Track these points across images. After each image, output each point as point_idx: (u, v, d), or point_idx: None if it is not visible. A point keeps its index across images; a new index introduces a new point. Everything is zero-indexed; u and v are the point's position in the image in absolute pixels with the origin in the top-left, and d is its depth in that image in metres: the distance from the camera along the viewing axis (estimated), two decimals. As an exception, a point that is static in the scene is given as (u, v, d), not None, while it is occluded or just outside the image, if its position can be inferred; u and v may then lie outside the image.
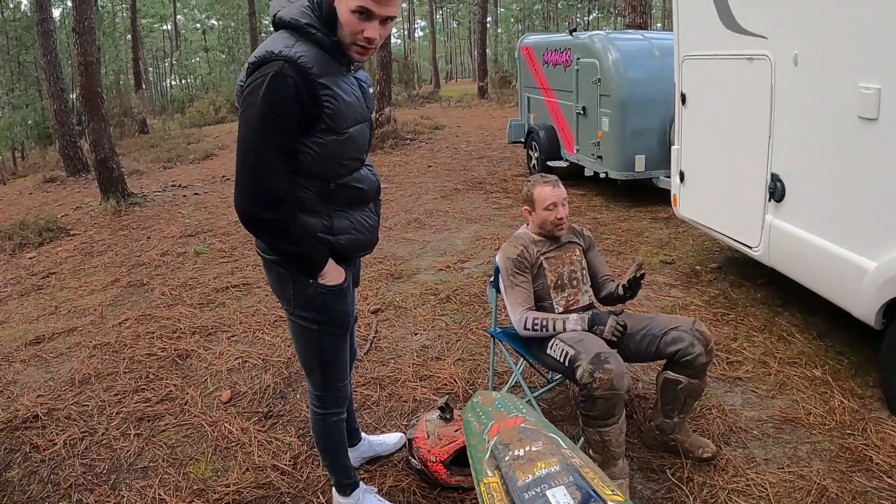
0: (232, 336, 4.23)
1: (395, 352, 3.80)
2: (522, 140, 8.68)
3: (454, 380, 3.40)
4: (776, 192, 3.43)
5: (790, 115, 3.34)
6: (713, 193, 4.13)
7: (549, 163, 7.58)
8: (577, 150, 7.08)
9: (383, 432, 3.04)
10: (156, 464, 2.95)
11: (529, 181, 2.81)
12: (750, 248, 3.74)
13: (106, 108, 8.60)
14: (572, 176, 7.31)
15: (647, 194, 6.54)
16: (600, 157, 6.50)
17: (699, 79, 4.21)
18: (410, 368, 3.57)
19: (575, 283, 2.75)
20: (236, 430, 3.16)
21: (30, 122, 18.92)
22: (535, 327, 2.58)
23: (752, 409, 2.99)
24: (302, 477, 2.77)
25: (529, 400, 2.84)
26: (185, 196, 8.61)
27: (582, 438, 2.42)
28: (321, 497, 2.63)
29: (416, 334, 4.03)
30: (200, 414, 3.35)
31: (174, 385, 3.67)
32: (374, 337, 4.01)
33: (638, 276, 2.66)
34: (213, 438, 3.13)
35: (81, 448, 3.08)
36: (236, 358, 3.93)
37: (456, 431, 2.57)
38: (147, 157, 13.21)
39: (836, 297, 3.15)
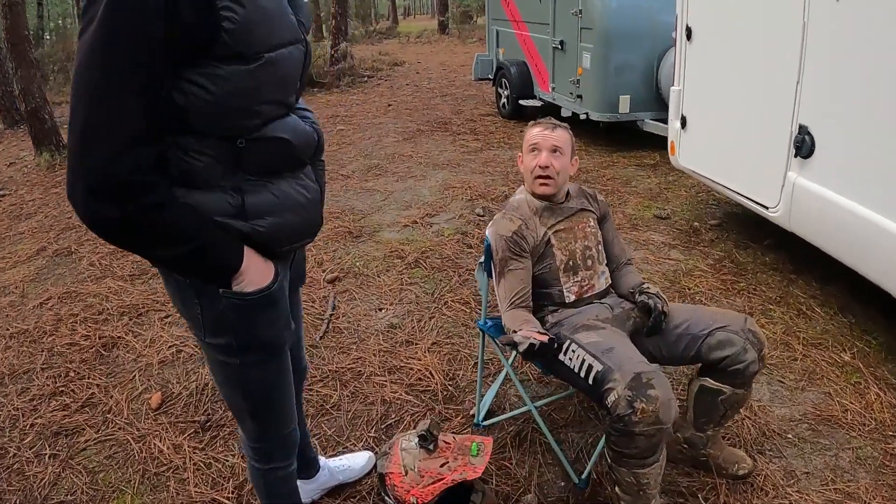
0: (166, 316, 3.57)
1: (358, 334, 3.20)
2: (490, 77, 7.91)
3: (430, 373, 2.82)
4: (803, 146, 2.86)
5: (826, 56, 2.73)
6: (722, 143, 3.54)
7: (521, 101, 6.88)
8: (553, 89, 6.37)
9: (345, 449, 2.47)
10: (74, 497, 2.35)
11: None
12: (766, 208, 3.19)
13: (39, 54, 7.52)
14: (547, 116, 6.66)
15: (632, 138, 5.90)
16: (580, 97, 5.81)
17: (710, 10, 3.55)
18: (377, 358, 2.98)
19: (590, 262, 2.15)
20: (167, 447, 2.55)
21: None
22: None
23: (784, 406, 2.51)
24: (247, 515, 2.20)
25: (529, 409, 2.30)
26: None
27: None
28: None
29: (381, 310, 3.43)
30: (126, 425, 2.72)
31: (97, 385, 3.02)
32: (331, 315, 3.39)
33: (655, 322, 2.06)
34: (140, 459, 2.52)
35: (-20, 478, 2.45)
36: (170, 346, 3.29)
37: (442, 466, 1.98)
38: None
39: (872, 272, 2.63)
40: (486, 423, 2.48)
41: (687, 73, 3.77)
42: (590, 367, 1.83)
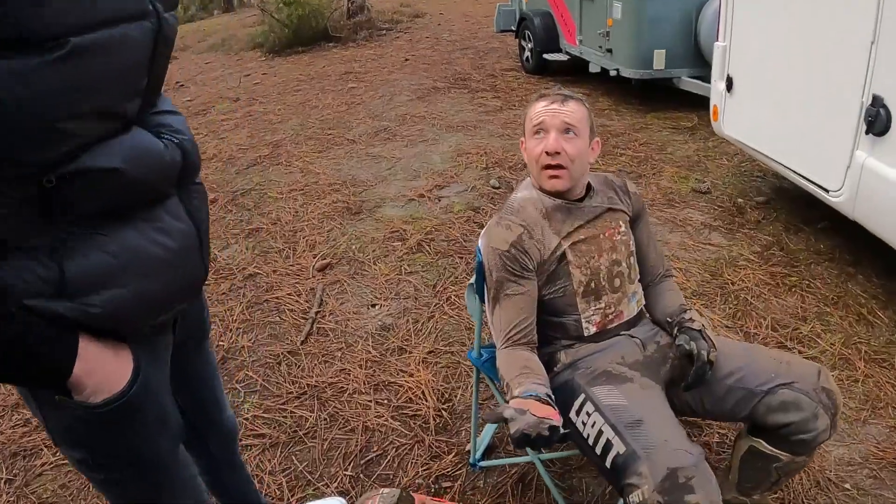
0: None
1: (345, 337, 2.82)
2: (513, 29, 7.24)
3: (422, 394, 2.43)
4: (877, 121, 2.31)
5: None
6: (775, 111, 2.98)
7: (545, 55, 6.25)
8: (581, 42, 5.73)
9: (315, 491, 2.10)
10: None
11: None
12: (826, 191, 2.67)
13: None
14: (575, 71, 6.04)
15: (667, 98, 5.27)
16: (609, 51, 5.18)
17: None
18: (363, 370, 2.59)
19: (619, 282, 1.64)
20: None
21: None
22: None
23: (842, 444, 2.06)
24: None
25: (532, 460, 1.89)
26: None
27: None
28: None
29: (374, 305, 3.03)
30: None
31: None
32: (316, 313, 3.00)
33: (697, 377, 1.55)
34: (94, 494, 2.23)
35: None
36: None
37: None
38: None
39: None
40: (483, 463, 2.08)
41: (735, 26, 3.18)
42: (608, 445, 1.39)
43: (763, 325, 2.56)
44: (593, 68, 5.45)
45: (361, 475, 2.15)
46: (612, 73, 5.14)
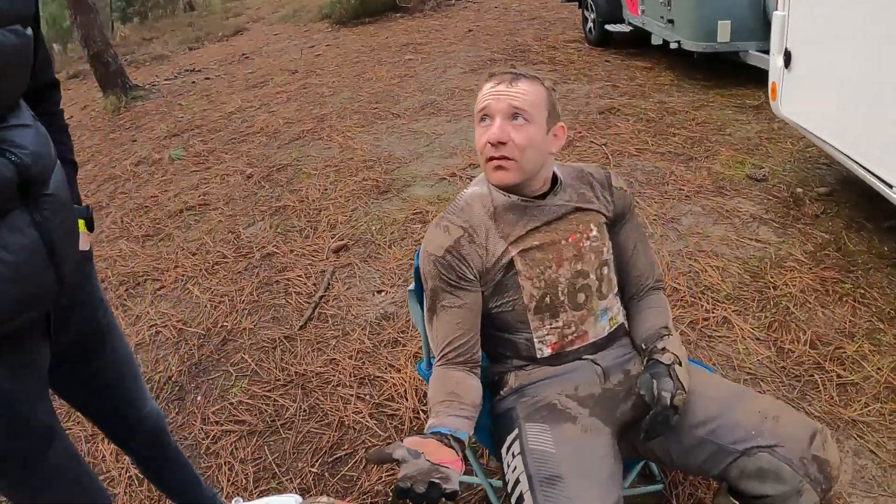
0: (160, 288, 3.26)
1: (343, 325, 2.69)
2: None
3: (404, 393, 2.26)
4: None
5: None
6: (838, 92, 2.57)
7: (607, 26, 5.81)
8: (643, 12, 5.27)
9: (279, 485, 2.01)
10: None
11: None
12: (890, 187, 2.27)
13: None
14: (637, 43, 5.60)
15: (733, 73, 4.75)
16: (671, 22, 4.70)
17: None
18: (352, 361, 2.46)
19: (584, 297, 1.38)
20: (110, 453, 2.22)
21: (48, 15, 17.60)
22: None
23: (868, 495, 1.73)
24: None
25: (482, 484, 1.68)
26: (193, 83, 7.42)
27: None
28: None
29: (379, 292, 2.88)
30: (83, 420, 2.44)
31: None
32: (321, 297, 2.88)
33: (661, 417, 1.25)
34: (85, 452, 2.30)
35: None
36: (151, 325, 2.99)
37: None
38: (178, 38, 11.94)
39: None
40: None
41: (795, -9, 2.77)
42: (520, 499, 1.19)
43: (801, 341, 2.22)
44: (655, 40, 4.99)
45: (326, 473, 2.05)
46: (673, 45, 4.69)
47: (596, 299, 1.40)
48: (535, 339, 1.39)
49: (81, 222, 1.31)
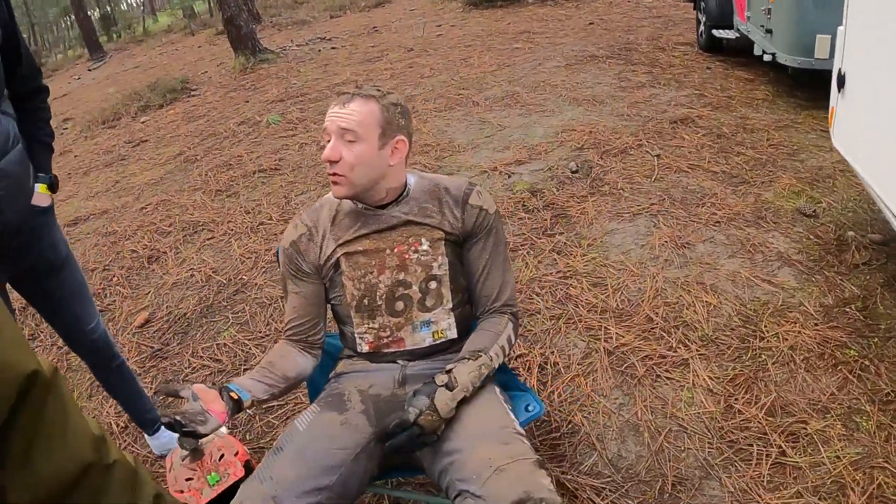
0: (210, 238, 3.58)
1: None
2: None
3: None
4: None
5: None
6: (887, 125, 2.16)
7: (714, 31, 5.26)
8: (748, 19, 4.70)
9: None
10: None
11: None
12: None
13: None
14: (744, 52, 5.03)
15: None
16: (769, 32, 4.15)
17: None
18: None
19: (402, 306, 1.45)
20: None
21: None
22: None
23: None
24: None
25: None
26: (319, 51, 7.73)
27: None
28: None
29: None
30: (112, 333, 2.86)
31: (119, 295, 3.21)
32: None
33: (399, 430, 1.29)
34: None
35: None
36: (189, 269, 3.30)
37: (187, 480, 1.76)
38: (324, 4, 12.44)
39: None
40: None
41: (852, 3, 2.34)
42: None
43: (759, 404, 1.93)
44: (756, 50, 4.43)
45: (256, 416, 2.24)
46: (767, 57, 4.13)
47: (417, 310, 1.45)
48: (356, 335, 1.49)
49: (43, 186, 1.67)
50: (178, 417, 1.20)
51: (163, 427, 2.15)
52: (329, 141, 1.38)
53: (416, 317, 1.45)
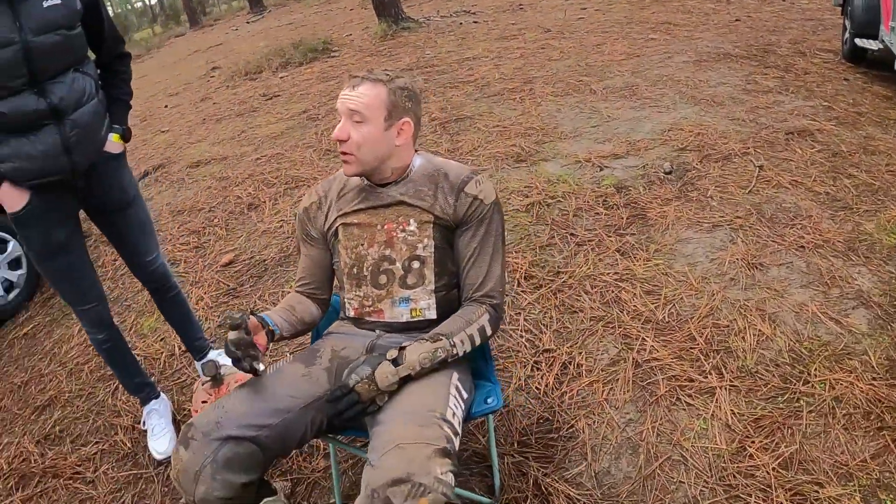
0: (303, 194, 3.68)
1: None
2: (840, 4, 5.36)
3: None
4: None
5: None
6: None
7: (857, 40, 4.52)
8: (893, 29, 3.98)
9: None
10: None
11: None
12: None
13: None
14: (889, 65, 4.31)
15: None
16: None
17: None
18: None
19: (385, 279, 1.50)
20: (200, 296, 2.81)
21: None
22: None
23: None
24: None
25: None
26: (460, 24, 7.64)
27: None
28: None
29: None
30: (195, 271, 3.13)
31: (215, 234, 3.48)
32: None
33: (338, 392, 1.37)
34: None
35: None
36: (279, 220, 3.49)
37: (203, 403, 1.95)
38: None
39: None
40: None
41: None
42: None
43: (776, 453, 1.71)
44: (899, 64, 3.76)
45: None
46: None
47: (398, 286, 1.49)
48: (346, 300, 1.57)
49: (116, 136, 1.92)
50: (235, 349, 1.33)
51: (211, 352, 2.32)
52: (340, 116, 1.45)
53: (397, 292, 1.49)
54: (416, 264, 1.47)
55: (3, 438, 2.49)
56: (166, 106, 7.07)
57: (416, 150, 1.57)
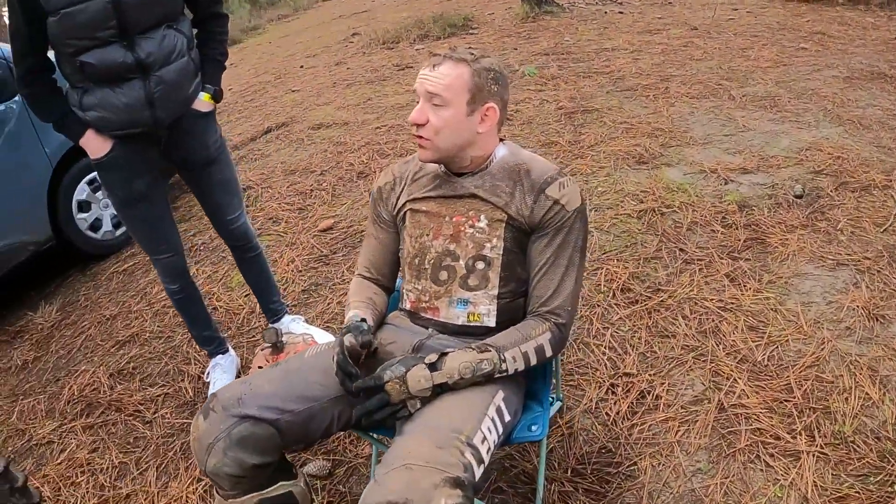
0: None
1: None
2: None
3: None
4: None
5: None
6: None
7: None
8: None
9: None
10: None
11: None
12: None
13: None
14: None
15: None
16: None
17: None
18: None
19: (445, 276, 1.33)
20: (292, 258, 2.88)
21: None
22: None
23: None
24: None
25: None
26: (605, 13, 7.20)
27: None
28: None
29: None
30: (294, 233, 3.20)
31: (320, 197, 3.53)
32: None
33: (371, 384, 1.22)
34: (277, 261, 2.99)
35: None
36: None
37: (259, 368, 2.02)
38: None
39: None
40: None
41: None
42: None
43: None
44: None
45: None
46: None
47: (458, 286, 1.33)
48: (405, 290, 1.44)
49: (207, 95, 1.91)
50: (350, 369, 1.23)
51: (286, 317, 2.31)
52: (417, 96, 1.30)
53: (456, 292, 1.33)
54: (480, 265, 1.31)
55: (81, 366, 2.63)
56: (302, 66, 7.13)
57: (501, 139, 1.40)
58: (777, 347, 2.06)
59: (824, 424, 1.76)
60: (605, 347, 2.15)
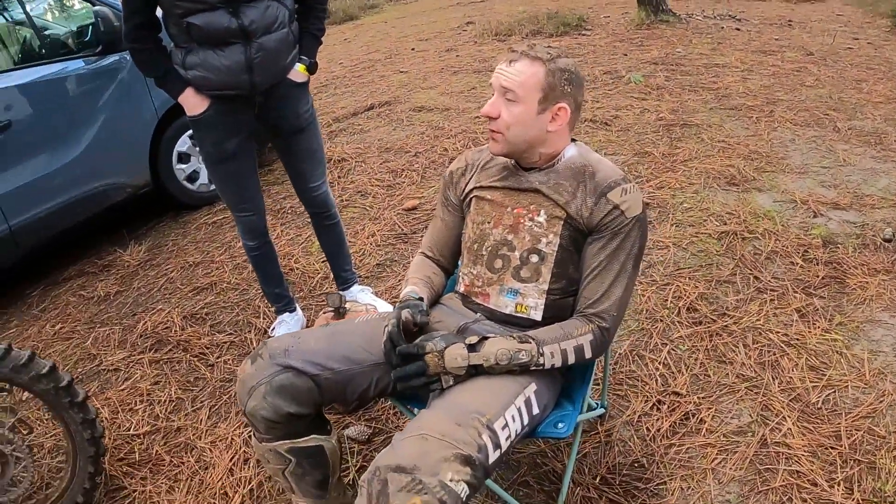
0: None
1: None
2: None
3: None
4: None
5: None
6: None
7: None
8: None
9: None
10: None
11: None
12: None
13: None
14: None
15: None
16: None
17: None
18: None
19: (500, 265, 1.31)
20: (373, 231, 2.96)
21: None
22: None
23: None
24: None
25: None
26: (722, 28, 6.74)
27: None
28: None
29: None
30: (379, 208, 3.23)
31: (409, 179, 3.48)
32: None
33: (409, 351, 1.20)
34: (356, 230, 3.01)
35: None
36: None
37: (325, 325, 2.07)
38: None
39: None
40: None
41: None
42: None
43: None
44: None
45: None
46: None
47: (510, 275, 1.32)
48: (461, 273, 1.43)
49: (302, 66, 1.91)
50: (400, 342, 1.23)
51: (355, 286, 2.34)
52: (493, 91, 1.29)
53: (507, 281, 1.31)
54: (534, 258, 1.27)
55: (158, 305, 2.66)
56: (413, 49, 7.00)
57: (572, 140, 1.35)
58: (834, 392, 1.92)
59: (866, 479, 1.62)
60: (659, 363, 2.07)
